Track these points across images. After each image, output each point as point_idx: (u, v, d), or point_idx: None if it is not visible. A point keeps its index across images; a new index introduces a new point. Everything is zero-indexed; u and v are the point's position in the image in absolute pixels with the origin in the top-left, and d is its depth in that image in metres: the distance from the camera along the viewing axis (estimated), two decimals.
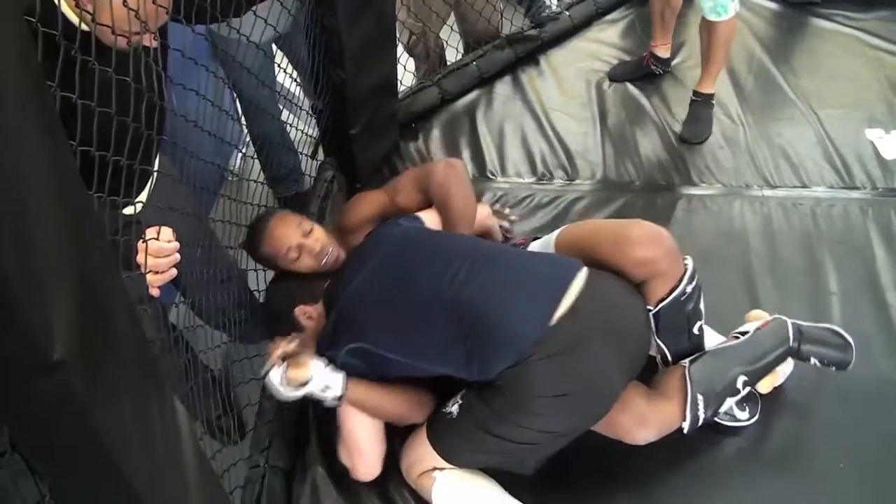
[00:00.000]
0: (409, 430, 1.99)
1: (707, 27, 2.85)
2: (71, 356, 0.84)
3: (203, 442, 1.74)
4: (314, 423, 2.15)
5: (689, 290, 1.93)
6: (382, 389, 1.93)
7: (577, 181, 2.92)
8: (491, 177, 2.95)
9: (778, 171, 2.92)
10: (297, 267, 2.13)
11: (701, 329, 2.03)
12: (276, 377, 1.85)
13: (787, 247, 2.63)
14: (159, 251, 1.51)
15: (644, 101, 3.22)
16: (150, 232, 1.51)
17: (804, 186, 2.86)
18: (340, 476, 2.02)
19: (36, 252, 0.80)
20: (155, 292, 1.54)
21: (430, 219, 2.22)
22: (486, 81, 3.30)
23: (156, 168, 1.85)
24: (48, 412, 0.89)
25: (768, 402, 2.15)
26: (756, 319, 2.11)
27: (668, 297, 1.92)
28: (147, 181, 1.82)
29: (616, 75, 3.33)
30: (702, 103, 3.05)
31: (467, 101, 3.25)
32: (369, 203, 2.38)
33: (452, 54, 3.51)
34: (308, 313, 2.08)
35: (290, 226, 2.13)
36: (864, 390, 2.19)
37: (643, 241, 1.93)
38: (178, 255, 1.54)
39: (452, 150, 3.04)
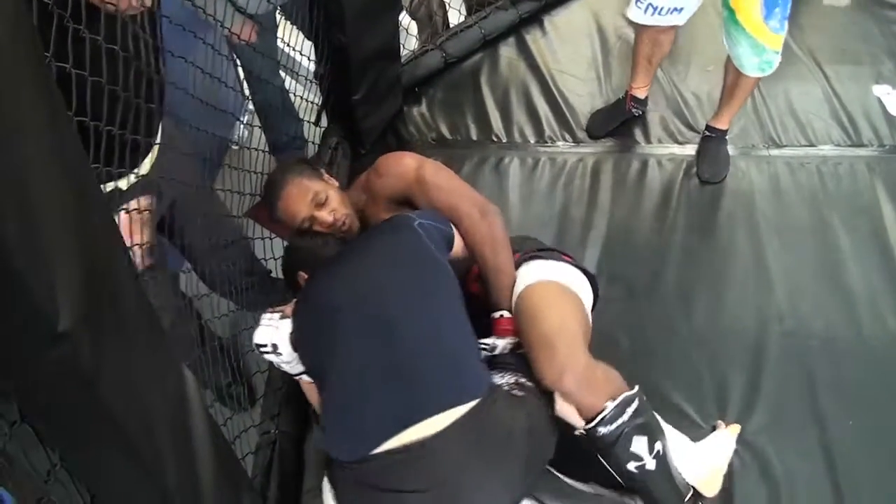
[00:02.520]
0: None
1: (736, 71, 2.54)
2: (77, 327, 0.85)
3: (214, 409, 1.75)
4: None
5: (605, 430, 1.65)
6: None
7: (583, 143, 2.90)
8: (496, 140, 2.94)
9: (784, 130, 2.90)
10: (312, 232, 2.10)
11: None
12: (263, 321, 1.82)
13: (794, 206, 2.62)
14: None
15: None
16: (132, 204, 1.49)
17: (811, 145, 2.84)
18: None
19: (39, 224, 0.80)
20: (146, 261, 1.53)
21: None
22: (489, 43, 3.27)
23: (157, 140, 1.84)
24: (56, 382, 0.89)
25: (777, 360, 2.16)
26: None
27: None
28: (148, 152, 1.81)
29: (596, 128, 2.95)
30: (717, 139, 2.78)
31: (471, 63, 3.22)
32: (396, 178, 2.10)
33: (455, 16, 3.48)
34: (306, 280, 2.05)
35: (304, 197, 2.02)
36: (873, 347, 2.20)
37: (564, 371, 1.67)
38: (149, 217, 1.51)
39: (457, 114, 3.03)
